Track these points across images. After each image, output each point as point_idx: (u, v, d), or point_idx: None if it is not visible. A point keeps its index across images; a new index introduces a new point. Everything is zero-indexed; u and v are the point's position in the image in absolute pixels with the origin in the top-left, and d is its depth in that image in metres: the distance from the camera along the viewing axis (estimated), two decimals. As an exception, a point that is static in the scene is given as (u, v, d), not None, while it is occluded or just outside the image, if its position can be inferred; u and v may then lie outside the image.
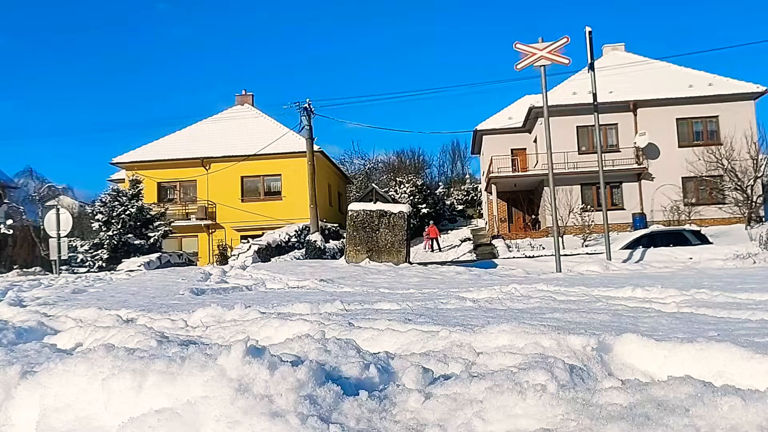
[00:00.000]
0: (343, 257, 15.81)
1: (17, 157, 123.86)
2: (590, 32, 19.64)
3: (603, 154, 21.78)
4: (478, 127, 38.40)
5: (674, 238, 21.90)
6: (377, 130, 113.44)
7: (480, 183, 47.42)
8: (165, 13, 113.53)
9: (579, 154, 31.45)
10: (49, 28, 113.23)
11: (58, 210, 19.36)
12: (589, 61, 19.83)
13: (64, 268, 20.27)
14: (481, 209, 46.09)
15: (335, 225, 32.46)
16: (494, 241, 30.37)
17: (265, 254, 24.85)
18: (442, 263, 21.00)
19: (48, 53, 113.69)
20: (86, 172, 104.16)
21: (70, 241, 23.75)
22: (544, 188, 29.29)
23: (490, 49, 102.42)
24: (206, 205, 34.67)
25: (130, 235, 25.40)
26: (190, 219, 34.50)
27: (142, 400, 1.93)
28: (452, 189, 53.55)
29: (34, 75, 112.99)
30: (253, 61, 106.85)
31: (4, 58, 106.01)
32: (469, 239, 36.15)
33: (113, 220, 25.43)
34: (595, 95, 20.13)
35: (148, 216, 26.65)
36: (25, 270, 21.83)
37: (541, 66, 17.76)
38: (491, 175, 33.80)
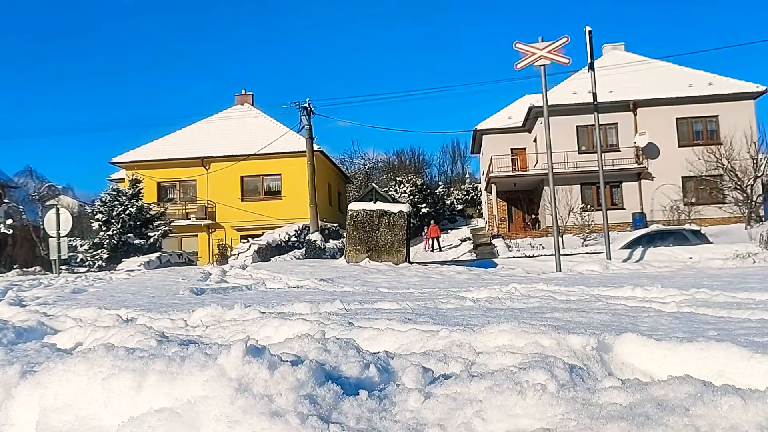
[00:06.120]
0: (343, 257, 15.80)
1: (17, 157, 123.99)
2: (590, 32, 19.64)
3: (603, 154, 21.79)
4: (478, 127, 38.40)
5: (674, 237, 21.90)
6: (377, 130, 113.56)
7: (480, 182, 47.43)
8: (164, 13, 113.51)
9: (579, 153, 31.44)
10: (50, 27, 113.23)
11: (58, 210, 19.34)
12: (589, 60, 19.83)
13: (64, 267, 20.26)
14: (481, 209, 46.09)
15: (335, 225, 32.44)
16: (494, 241, 30.38)
17: (265, 254, 24.83)
18: (442, 263, 20.99)
19: (48, 53, 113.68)
20: (86, 172, 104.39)
21: (70, 240, 23.72)
22: (544, 188, 29.28)
23: (490, 49, 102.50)
24: (206, 204, 34.66)
25: (130, 235, 25.40)
26: (190, 219, 34.48)
27: (142, 399, 1.93)
28: (452, 189, 53.57)
29: (34, 75, 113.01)
30: (253, 60, 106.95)
31: (4, 58, 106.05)
32: (469, 239, 36.19)
33: (113, 220, 25.43)
34: (595, 95, 20.12)
35: (147, 216, 26.64)
36: (25, 270, 21.81)
37: (541, 66, 17.75)
38: (491, 174, 33.80)
